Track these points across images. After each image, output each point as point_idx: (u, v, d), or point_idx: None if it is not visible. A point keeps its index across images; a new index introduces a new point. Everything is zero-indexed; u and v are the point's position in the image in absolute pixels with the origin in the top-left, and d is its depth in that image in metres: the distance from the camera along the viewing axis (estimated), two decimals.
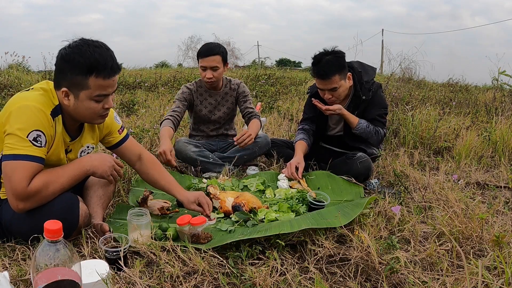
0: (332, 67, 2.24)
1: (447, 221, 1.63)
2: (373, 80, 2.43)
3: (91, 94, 1.36)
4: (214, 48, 2.53)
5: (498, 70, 5.65)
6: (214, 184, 2.12)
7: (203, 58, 2.53)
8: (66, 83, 1.36)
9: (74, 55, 1.33)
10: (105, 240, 1.35)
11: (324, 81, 2.28)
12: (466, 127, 3.68)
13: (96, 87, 1.36)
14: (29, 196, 1.33)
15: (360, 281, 1.31)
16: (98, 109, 1.42)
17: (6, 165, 1.32)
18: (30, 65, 9.59)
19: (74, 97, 1.38)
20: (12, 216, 1.40)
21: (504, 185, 2.45)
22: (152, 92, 6.82)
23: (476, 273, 1.22)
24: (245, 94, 2.75)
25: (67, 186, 1.44)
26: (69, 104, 1.40)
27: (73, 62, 1.32)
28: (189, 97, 2.67)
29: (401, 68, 10.38)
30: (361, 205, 1.67)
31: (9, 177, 1.31)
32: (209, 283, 1.26)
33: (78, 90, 1.36)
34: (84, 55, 1.32)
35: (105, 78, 1.35)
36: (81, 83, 1.34)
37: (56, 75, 1.40)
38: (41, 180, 1.35)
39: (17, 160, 1.30)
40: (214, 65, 2.52)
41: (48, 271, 0.88)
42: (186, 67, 17.17)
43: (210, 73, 2.54)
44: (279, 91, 7.12)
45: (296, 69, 21.55)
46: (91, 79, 1.33)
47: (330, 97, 2.33)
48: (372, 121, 2.37)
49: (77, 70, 1.32)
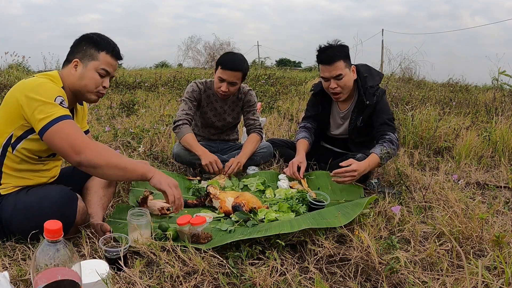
0: (337, 53, 2.22)
1: (447, 221, 1.63)
2: (378, 85, 2.41)
3: (98, 66, 1.59)
4: (239, 64, 2.38)
5: (498, 70, 5.64)
6: (214, 184, 2.12)
7: (225, 71, 2.36)
8: (80, 55, 1.59)
9: (94, 35, 1.62)
10: (105, 240, 1.35)
11: (329, 67, 2.24)
12: (466, 127, 3.68)
13: (104, 62, 1.60)
14: (86, 146, 1.42)
15: (360, 281, 1.31)
16: (99, 83, 1.61)
17: (54, 130, 1.39)
18: (30, 65, 9.62)
19: (83, 66, 1.58)
20: (11, 212, 1.41)
21: (504, 185, 2.45)
22: (152, 92, 6.82)
23: (476, 273, 1.22)
24: (250, 103, 2.63)
25: (122, 166, 1.47)
26: (75, 74, 1.58)
27: (93, 39, 1.61)
28: (198, 96, 2.56)
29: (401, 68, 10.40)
30: (361, 205, 1.67)
31: (64, 135, 1.39)
32: (209, 283, 1.26)
33: (89, 60, 1.58)
34: (101, 37, 1.64)
35: (112, 57, 1.63)
36: (93, 54, 1.59)
37: (70, 51, 1.62)
38: (97, 144, 1.51)
39: (62, 120, 1.41)
40: (234, 80, 2.39)
41: (48, 271, 0.88)
42: (186, 67, 17.20)
43: (227, 87, 2.39)
44: (279, 91, 7.13)
45: (296, 69, 21.56)
46: (102, 54, 1.60)
47: (335, 87, 2.28)
48: (382, 126, 2.32)
49: (93, 45, 1.60)
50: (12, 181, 1.50)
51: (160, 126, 3.65)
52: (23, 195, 1.45)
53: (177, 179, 2.28)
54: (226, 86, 2.39)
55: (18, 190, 1.49)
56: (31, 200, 1.41)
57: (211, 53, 20.15)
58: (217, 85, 2.44)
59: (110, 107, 4.92)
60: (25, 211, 1.40)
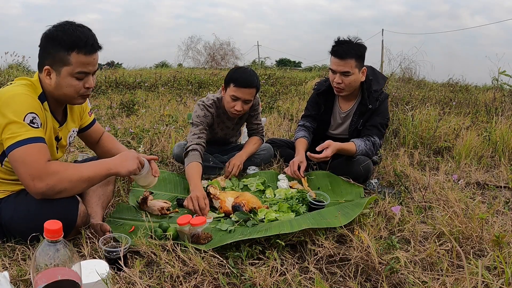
0: (352, 50, 2.22)
1: (447, 221, 1.63)
2: (382, 89, 2.41)
3: (73, 70, 1.39)
4: (254, 80, 2.23)
5: (498, 70, 5.65)
6: (215, 184, 2.12)
7: (239, 88, 2.20)
8: (49, 61, 1.39)
9: (57, 32, 1.37)
10: (105, 240, 1.35)
11: (340, 61, 2.24)
12: (466, 127, 3.68)
13: (77, 64, 1.38)
14: (48, 173, 1.31)
15: (360, 281, 1.31)
16: (79, 88, 1.43)
17: (14, 154, 1.29)
18: (30, 65, 9.62)
19: (56, 74, 1.40)
20: (11, 215, 1.40)
21: (504, 185, 2.45)
22: (152, 92, 6.83)
23: (476, 273, 1.22)
24: (254, 107, 2.51)
25: (85, 178, 1.40)
26: (51, 83, 1.41)
27: (56, 39, 1.36)
28: (211, 121, 2.39)
29: (401, 68, 10.41)
30: (361, 205, 1.67)
31: (22, 162, 1.29)
32: (209, 283, 1.26)
33: (60, 67, 1.38)
34: (66, 32, 1.36)
35: (86, 54, 1.38)
36: (63, 59, 1.37)
37: (40, 55, 1.43)
38: (60, 163, 1.37)
39: (25, 145, 1.30)
40: (249, 98, 2.24)
41: (48, 271, 0.88)
42: (186, 67, 17.21)
43: (241, 105, 2.24)
44: (279, 91, 7.13)
45: (296, 69, 21.58)
46: (73, 55, 1.37)
47: (339, 82, 2.29)
48: (372, 127, 2.34)
49: (59, 46, 1.36)
50: (8, 188, 1.48)
51: (160, 126, 3.66)
52: (23, 198, 1.42)
53: (177, 179, 2.28)
54: (241, 105, 2.24)
55: (17, 193, 1.47)
56: (31, 203, 1.39)
57: (211, 53, 20.19)
58: (229, 105, 2.27)
59: (110, 107, 4.92)
60: (25, 214, 1.38)
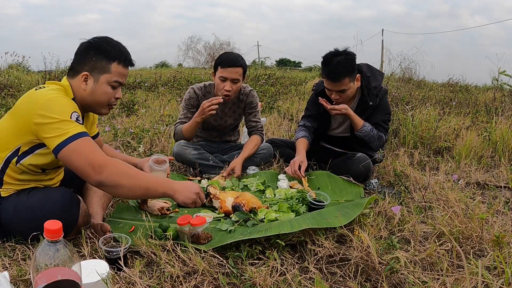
0: (342, 70, 2.20)
1: (447, 221, 1.63)
2: (381, 85, 2.42)
3: (111, 78, 1.50)
4: (238, 59, 2.35)
5: (498, 70, 5.66)
6: (215, 184, 2.12)
7: (225, 68, 2.33)
8: (88, 67, 1.48)
9: (102, 43, 1.49)
10: (105, 240, 1.35)
11: (333, 83, 2.25)
12: (466, 127, 3.68)
13: (116, 73, 1.51)
14: (108, 164, 1.36)
15: (360, 281, 1.31)
16: (111, 96, 1.53)
17: (69, 148, 1.32)
18: (30, 65, 9.62)
19: (94, 80, 1.49)
20: (12, 214, 1.40)
21: (504, 185, 2.45)
22: (152, 92, 6.82)
23: (476, 273, 1.22)
24: (252, 105, 2.60)
25: (144, 185, 1.42)
26: (86, 88, 1.49)
27: (101, 48, 1.48)
28: (195, 102, 2.51)
29: (401, 68, 10.41)
30: (361, 205, 1.67)
31: (80, 154, 1.33)
32: (209, 283, 1.26)
33: (100, 74, 1.48)
34: (110, 44, 1.51)
35: (124, 66, 1.53)
36: (104, 67, 1.48)
37: (76, 62, 1.50)
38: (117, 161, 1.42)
39: (78, 138, 1.34)
40: (236, 77, 2.34)
41: (48, 271, 0.88)
42: (186, 67, 17.21)
43: (230, 85, 2.34)
44: (279, 91, 7.13)
45: (296, 69, 21.56)
46: (114, 64, 1.49)
47: (337, 98, 2.30)
48: (376, 125, 2.35)
49: (103, 55, 1.48)
50: (12, 187, 1.48)
51: (160, 126, 3.65)
52: (24, 197, 1.43)
53: (177, 179, 2.28)
54: (230, 85, 2.35)
55: (19, 192, 1.48)
56: (33, 203, 1.39)
57: (211, 53, 20.18)
58: (219, 86, 2.38)
59: None
60: (26, 213, 1.38)
